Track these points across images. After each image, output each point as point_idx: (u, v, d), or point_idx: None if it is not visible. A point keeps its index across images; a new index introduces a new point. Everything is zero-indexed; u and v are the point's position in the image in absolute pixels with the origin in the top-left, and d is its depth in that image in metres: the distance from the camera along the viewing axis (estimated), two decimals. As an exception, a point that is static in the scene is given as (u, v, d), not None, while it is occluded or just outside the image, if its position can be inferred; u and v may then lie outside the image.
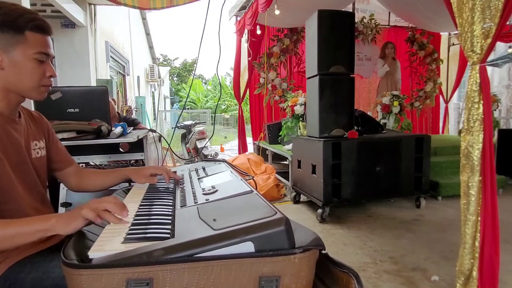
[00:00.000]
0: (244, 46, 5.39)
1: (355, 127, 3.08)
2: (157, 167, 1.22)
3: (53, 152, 1.15)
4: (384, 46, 5.07)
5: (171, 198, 0.98)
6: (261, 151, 4.95)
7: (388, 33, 5.99)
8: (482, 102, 1.45)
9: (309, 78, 3.03)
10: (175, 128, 4.39)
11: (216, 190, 0.96)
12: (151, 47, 12.98)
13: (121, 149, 1.83)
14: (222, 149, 8.03)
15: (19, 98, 0.97)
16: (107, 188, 1.23)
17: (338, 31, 2.81)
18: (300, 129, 3.73)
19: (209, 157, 5.05)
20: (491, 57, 4.30)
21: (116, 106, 2.88)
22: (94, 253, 0.64)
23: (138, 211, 0.86)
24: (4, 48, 0.88)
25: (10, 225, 0.76)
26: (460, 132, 4.78)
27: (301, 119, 3.84)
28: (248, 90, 5.62)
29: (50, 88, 1.00)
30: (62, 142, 1.63)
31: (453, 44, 6.16)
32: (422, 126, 6.21)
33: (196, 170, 1.31)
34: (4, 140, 0.92)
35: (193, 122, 6.15)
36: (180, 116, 7.90)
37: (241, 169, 1.52)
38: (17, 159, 0.96)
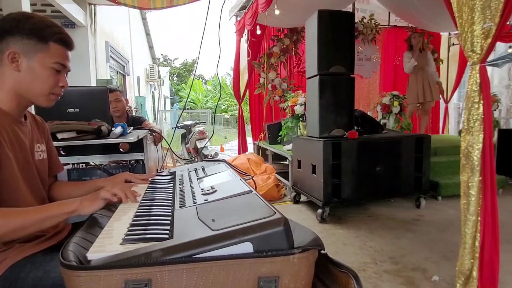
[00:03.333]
0: (244, 46, 5.38)
1: (355, 127, 3.07)
2: (130, 173, 1.24)
3: (48, 157, 1.16)
4: (409, 37, 4.64)
5: (170, 198, 0.98)
6: (261, 151, 4.94)
7: (388, 33, 5.98)
8: (482, 102, 1.45)
9: (309, 78, 3.02)
10: (175, 128, 4.39)
11: (215, 190, 0.96)
12: (151, 47, 12.98)
13: (121, 149, 1.83)
14: (222, 149, 8.02)
15: (27, 102, 1.01)
16: None
17: (338, 31, 2.80)
18: (300, 129, 3.73)
19: (209, 157, 5.05)
20: (491, 57, 4.29)
21: (128, 106, 2.88)
22: (93, 254, 0.64)
23: (137, 212, 0.86)
24: (25, 53, 0.94)
25: (42, 210, 0.87)
26: (460, 132, 4.76)
27: (301, 119, 3.84)
28: (248, 90, 5.62)
29: (59, 97, 1.04)
30: (62, 142, 1.65)
31: (453, 44, 6.15)
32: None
33: (196, 170, 1.32)
34: (12, 140, 0.95)
35: (193, 122, 6.15)
36: (180, 116, 7.88)
37: (241, 169, 1.52)
38: (23, 160, 0.99)
